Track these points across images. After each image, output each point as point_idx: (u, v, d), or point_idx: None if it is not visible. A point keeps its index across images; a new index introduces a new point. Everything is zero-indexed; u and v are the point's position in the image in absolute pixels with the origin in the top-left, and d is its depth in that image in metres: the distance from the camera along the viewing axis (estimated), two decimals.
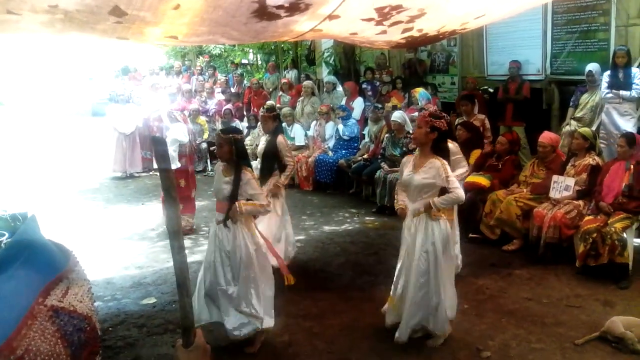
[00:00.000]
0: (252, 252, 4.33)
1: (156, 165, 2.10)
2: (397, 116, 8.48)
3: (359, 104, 10.91)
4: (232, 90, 14.02)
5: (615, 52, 7.59)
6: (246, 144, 10.86)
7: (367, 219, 8.31)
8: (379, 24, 4.74)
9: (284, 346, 4.56)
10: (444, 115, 4.51)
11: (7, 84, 28.44)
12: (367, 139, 9.95)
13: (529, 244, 6.47)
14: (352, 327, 4.84)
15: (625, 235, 5.57)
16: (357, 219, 8.32)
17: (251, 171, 4.47)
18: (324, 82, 12.19)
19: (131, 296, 5.68)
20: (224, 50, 21.70)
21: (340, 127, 10.19)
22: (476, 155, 7.28)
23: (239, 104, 13.49)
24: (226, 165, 4.48)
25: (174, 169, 7.39)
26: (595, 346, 4.40)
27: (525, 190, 6.79)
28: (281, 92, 13.15)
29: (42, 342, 1.00)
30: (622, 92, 7.36)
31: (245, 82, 15.24)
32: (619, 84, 7.41)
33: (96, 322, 1.15)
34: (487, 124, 8.50)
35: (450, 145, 5.25)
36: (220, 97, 13.54)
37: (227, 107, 12.59)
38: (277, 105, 11.47)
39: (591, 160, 6.41)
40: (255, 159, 7.05)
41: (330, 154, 10.15)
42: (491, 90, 10.09)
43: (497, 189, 6.98)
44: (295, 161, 6.97)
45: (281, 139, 6.22)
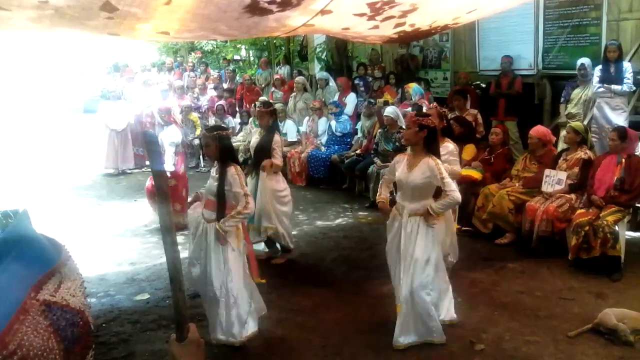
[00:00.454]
0: (232, 261, 4.29)
1: (148, 162, 2.10)
2: (389, 111, 8.49)
3: (351, 99, 10.90)
4: (225, 86, 13.98)
5: (606, 46, 7.63)
6: (238, 140, 10.97)
7: (361, 214, 8.32)
8: (371, 19, 4.75)
9: (277, 341, 4.57)
10: (442, 110, 4.49)
11: None
12: (360, 135, 9.95)
13: (521, 237, 6.49)
14: (346, 322, 4.85)
15: (617, 228, 5.59)
16: (351, 214, 8.33)
17: (236, 167, 4.40)
18: (317, 78, 12.17)
19: (124, 292, 5.67)
20: (216, 46, 21.64)
21: (332, 123, 10.18)
22: (469, 150, 7.30)
23: (232, 100, 13.46)
24: (217, 164, 4.47)
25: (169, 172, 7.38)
26: (588, 338, 4.42)
27: (517, 184, 6.81)
28: (273, 88, 13.12)
29: (34, 337, 1.00)
30: (614, 87, 7.41)
31: (237, 78, 15.20)
32: (611, 78, 7.45)
33: (89, 317, 1.15)
34: (480, 119, 8.54)
35: (450, 145, 5.24)
36: (212, 93, 13.50)
37: (219, 103, 12.56)
38: (270, 101, 11.44)
39: (583, 154, 6.43)
40: (247, 154, 7.04)
41: (323, 149, 10.14)
42: (483, 85, 10.11)
43: (488, 183, 7.01)
44: (285, 157, 6.91)
45: (278, 138, 6.20)
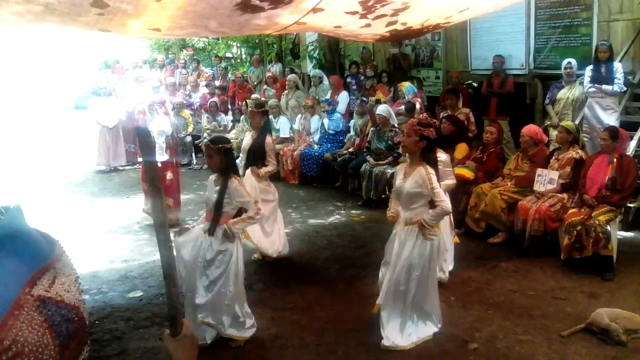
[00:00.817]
0: (231, 268, 4.31)
1: (140, 156, 2.08)
2: (382, 110, 8.49)
3: (343, 97, 10.90)
4: (217, 83, 13.95)
5: (597, 47, 7.67)
6: (231, 138, 10.93)
7: (353, 212, 8.32)
8: (363, 17, 4.73)
9: (271, 339, 4.56)
10: (433, 122, 4.50)
11: None
12: (352, 133, 9.95)
13: (514, 236, 6.51)
14: (339, 320, 4.85)
15: (609, 227, 5.62)
16: (344, 212, 8.33)
17: (238, 178, 4.46)
18: (311, 76, 12.15)
19: (117, 289, 5.65)
20: (207, 43, 21.57)
21: (325, 121, 10.17)
22: (461, 149, 7.31)
23: (224, 98, 13.43)
24: (217, 175, 4.48)
25: (162, 161, 7.35)
26: (580, 338, 4.44)
27: (509, 183, 6.83)
28: (266, 86, 13.11)
29: (29, 333, 0.98)
30: (605, 87, 7.44)
31: (229, 75, 15.17)
32: (602, 78, 7.48)
33: (84, 312, 1.13)
34: (472, 118, 8.57)
35: (443, 156, 5.26)
36: (204, 90, 13.48)
37: (212, 100, 12.53)
38: (262, 98, 11.42)
39: (575, 153, 6.45)
40: (239, 153, 7.03)
41: (315, 147, 10.13)
42: (475, 84, 10.15)
43: (481, 182, 7.03)
44: (278, 154, 6.90)
45: (270, 140, 6.19)
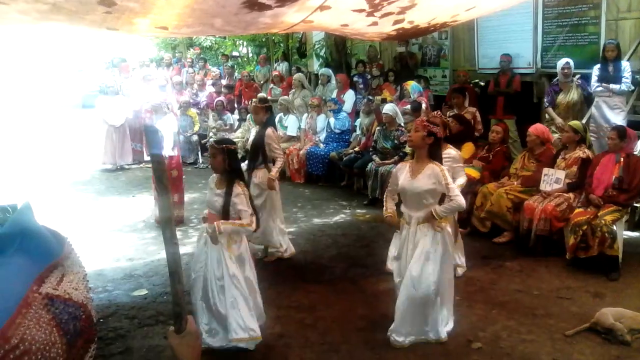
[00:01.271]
0: (232, 274, 4.26)
1: (147, 155, 2.08)
2: (388, 109, 8.49)
3: (350, 96, 10.88)
4: (223, 82, 13.96)
5: (605, 45, 7.63)
6: (237, 137, 10.96)
7: (359, 211, 8.32)
8: (370, 15, 4.73)
9: (275, 337, 4.56)
10: (446, 121, 4.49)
11: None
12: (358, 132, 9.94)
13: (519, 236, 6.49)
14: (344, 319, 4.85)
15: (615, 227, 5.60)
16: (349, 211, 8.33)
17: (243, 186, 4.37)
18: (319, 75, 12.13)
19: (122, 288, 5.67)
20: (214, 42, 21.60)
21: (331, 120, 10.17)
22: (468, 148, 7.29)
23: (231, 97, 13.44)
24: (219, 176, 4.44)
25: (169, 157, 7.37)
26: (585, 337, 4.42)
27: (515, 183, 6.81)
28: (272, 85, 13.12)
29: (37, 331, 0.99)
30: (612, 86, 7.41)
31: (236, 74, 15.17)
32: (609, 77, 7.45)
33: (92, 310, 1.15)
34: (478, 117, 8.56)
35: (453, 152, 5.25)
36: (211, 89, 13.48)
37: (219, 99, 12.54)
38: (269, 97, 11.42)
39: (581, 153, 6.43)
40: (245, 152, 7.04)
41: (321, 146, 10.14)
42: (482, 83, 10.11)
43: (487, 181, 7.02)
44: (284, 153, 6.88)
45: (270, 131, 6.11)
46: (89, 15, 3.98)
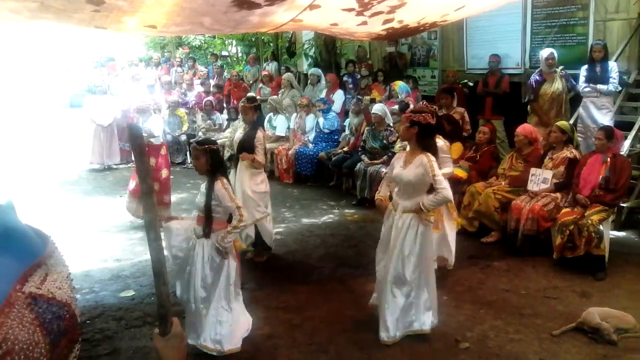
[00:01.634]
0: (225, 277, 4.26)
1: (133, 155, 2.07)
2: (377, 109, 8.49)
3: (339, 96, 10.88)
4: (212, 82, 13.91)
5: (592, 46, 7.68)
6: (226, 137, 10.91)
7: (347, 211, 8.32)
8: (359, 14, 4.73)
9: (263, 338, 4.55)
10: (433, 109, 4.47)
11: None
12: (347, 132, 9.94)
13: (507, 236, 6.52)
14: (332, 319, 4.84)
15: (601, 227, 5.63)
16: (337, 211, 8.32)
17: (223, 181, 4.29)
18: (309, 75, 12.12)
19: (109, 289, 5.63)
20: (203, 41, 21.48)
21: (320, 120, 10.17)
22: (456, 148, 7.31)
23: (220, 96, 13.39)
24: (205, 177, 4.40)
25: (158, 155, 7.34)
26: (572, 337, 4.45)
27: (503, 182, 6.84)
28: (261, 85, 13.07)
29: (20, 331, 0.97)
30: (600, 86, 7.45)
31: (225, 74, 15.11)
32: (597, 78, 7.49)
33: (76, 310, 1.13)
34: (467, 117, 8.57)
35: (440, 142, 5.18)
36: (199, 89, 13.44)
37: (208, 98, 12.50)
38: (258, 97, 11.39)
39: (569, 153, 6.46)
40: (232, 150, 7.00)
41: (310, 146, 10.13)
42: (471, 83, 10.15)
43: (474, 181, 7.04)
44: (266, 160, 6.77)
45: (260, 134, 6.08)
46: (77, 13, 3.95)
